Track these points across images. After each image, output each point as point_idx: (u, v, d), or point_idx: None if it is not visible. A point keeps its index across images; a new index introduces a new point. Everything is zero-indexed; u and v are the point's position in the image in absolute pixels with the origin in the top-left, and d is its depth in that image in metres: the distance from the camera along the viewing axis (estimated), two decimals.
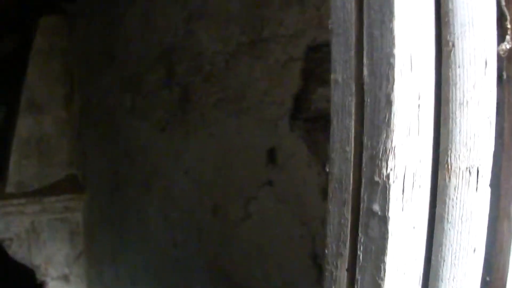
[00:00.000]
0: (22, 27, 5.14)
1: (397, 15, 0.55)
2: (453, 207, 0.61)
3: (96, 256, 4.75)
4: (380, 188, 0.59)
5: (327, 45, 1.59)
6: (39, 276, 4.83)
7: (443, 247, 0.64)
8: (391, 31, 0.56)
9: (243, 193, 2.63)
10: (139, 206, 3.78)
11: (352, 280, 0.65)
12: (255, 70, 2.52)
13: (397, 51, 0.56)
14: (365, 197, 0.61)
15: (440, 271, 0.64)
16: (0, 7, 4.94)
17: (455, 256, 0.63)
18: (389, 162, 0.58)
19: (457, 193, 0.61)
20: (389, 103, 0.56)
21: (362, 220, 0.62)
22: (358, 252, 0.64)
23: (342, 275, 0.66)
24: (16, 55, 5.42)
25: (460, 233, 0.63)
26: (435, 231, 0.65)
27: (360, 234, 0.63)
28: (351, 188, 0.63)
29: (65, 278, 4.90)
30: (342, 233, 0.65)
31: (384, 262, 0.61)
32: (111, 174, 4.27)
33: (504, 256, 0.66)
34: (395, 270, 0.62)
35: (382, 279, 0.61)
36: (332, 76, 0.63)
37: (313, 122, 2.19)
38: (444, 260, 0.63)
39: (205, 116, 2.90)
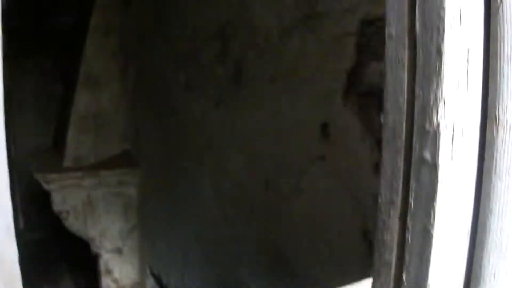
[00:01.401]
0: (80, 4, 5.32)
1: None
2: (500, 159, 0.65)
3: (148, 230, 4.92)
4: (430, 136, 0.63)
5: (380, 19, 1.61)
6: (94, 248, 5.06)
7: (490, 199, 0.68)
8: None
9: (295, 167, 2.69)
10: (192, 180, 3.90)
11: (403, 228, 0.70)
12: (309, 45, 2.56)
13: (447, 4, 0.60)
14: (417, 145, 0.65)
15: (488, 222, 0.68)
16: None
17: (502, 209, 0.67)
18: (439, 111, 0.62)
19: (505, 146, 0.65)
20: (439, 54, 0.61)
21: (413, 167, 0.67)
22: (410, 199, 0.68)
23: (394, 223, 0.71)
24: (74, 31, 5.63)
25: (507, 186, 0.67)
26: (483, 182, 0.69)
27: (411, 182, 0.68)
28: (403, 136, 0.67)
29: (119, 250, 5.12)
30: (394, 181, 0.70)
31: (434, 208, 0.65)
32: (165, 148, 4.41)
33: None
34: (445, 218, 0.66)
35: (432, 226, 0.66)
36: (386, 30, 0.68)
37: (366, 97, 2.21)
38: (491, 212, 0.67)
39: (259, 91, 2.96)
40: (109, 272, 5.10)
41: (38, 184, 4.87)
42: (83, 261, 5.66)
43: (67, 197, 4.89)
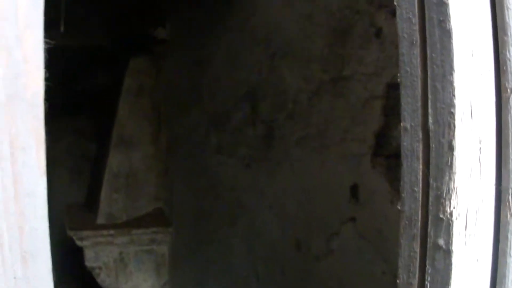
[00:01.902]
0: (114, 66, 5.55)
1: (456, 69, 0.68)
2: None
3: (180, 287, 4.96)
4: (444, 224, 0.70)
5: None
6: None
7: (506, 279, 0.73)
8: (451, 83, 0.68)
9: (326, 228, 2.73)
10: (223, 239, 3.96)
11: None
12: (337, 108, 2.65)
13: (457, 101, 0.68)
14: (432, 233, 0.72)
15: None
16: (95, 47, 5.39)
17: None
18: (452, 201, 0.69)
19: None
20: (451, 148, 0.68)
21: (429, 253, 0.74)
22: (426, 283, 0.75)
23: None
24: (108, 93, 5.85)
25: None
26: (498, 264, 0.75)
27: (427, 266, 0.74)
28: (419, 224, 0.74)
29: None
30: (411, 264, 0.77)
31: (449, 285, 0.72)
32: (197, 208, 4.49)
33: None
34: None
35: None
36: (402, 124, 0.76)
37: (394, 158, 2.27)
38: None
39: (289, 153, 3.04)
40: None
41: (71, 240, 4.97)
42: None
43: (99, 254, 4.97)
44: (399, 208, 0.77)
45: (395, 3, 0.74)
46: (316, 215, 2.82)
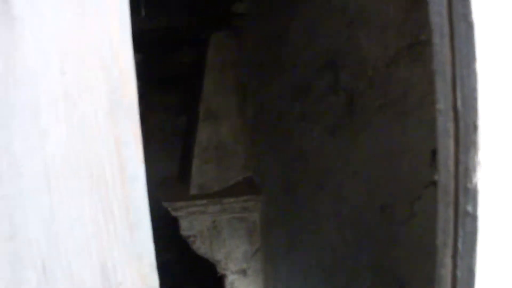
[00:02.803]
0: (196, 44, 5.79)
1: (478, 57, 0.78)
2: None
3: (271, 253, 5.19)
4: (471, 194, 0.82)
5: None
6: (220, 270, 5.43)
7: None
8: (474, 71, 0.78)
9: (409, 192, 2.80)
10: (311, 205, 4.12)
11: (454, 266, 0.88)
12: (415, 73, 2.69)
13: (480, 86, 0.78)
14: (461, 200, 0.84)
15: None
16: (177, 27, 5.64)
17: None
18: (477, 173, 0.80)
19: None
20: (475, 128, 0.79)
21: (460, 218, 0.85)
22: (458, 244, 0.86)
23: (448, 262, 0.90)
24: (194, 68, 6.11)
25: None
26: None
27: (459, 229, 0.86)
28: (452, 193, 0.86)
29: (243, 272, 5.43)
30: (447, 227, 0.89)
31: (475, 252, 0.83)
32: (285, 176, 4.67)
33: None
34: (485, 260, 0.84)
35: (475, 266, 0.84)
36: (437, 106, 0.87)
37: None
38: None
39: (370, 120, 3.12)
40: None
41: (166, 211, 5.32)
42: (210, 282, 6.04)
43: (193, 223, 5.29)
44: (436, 179, 0.88)
45: None
46: (399, 179, 2.90)
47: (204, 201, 5.24)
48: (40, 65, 0.67)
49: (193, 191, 5.35)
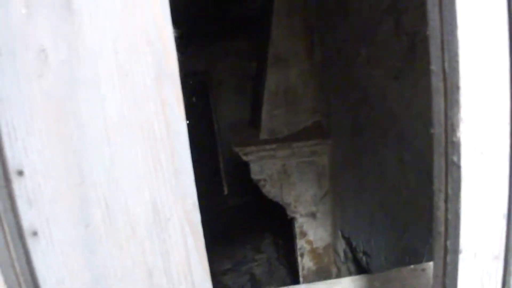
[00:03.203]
0: None
1: (460, 25, 0.88)
2: None
3: (339, 196, 5.36)
4: (455, 146, 0.94)
5: None
6: (290, 213, 5.66)
7: None
8: (456, 37, 0.89)
9: None
10: (376, 149, 4.22)
11: (446, 209, 1.01)
12: None
13: (461, 51, 0.89)
14: (450, 151, 0.96)
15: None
16: None
17: None
18: (460, 128, 0.92)
19: None
20: (457, 88, 0.90)
21: (449, 167, 0.98)
22: (449, 189, 0.99)
23: (442, 205, 1.03)
24: (262, 15, 6.21)
25: None
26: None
27: (449, 177, 0.99)
28: (443, 145, 0.98)
29: (312, 215, 5.65)
30: (441, 175, 1.01)
31: (460, 197, 0.96)
32: (351, 120, 4.77)
33: None
34: (469, 205, 0.97)
35: (460, 209, 0.97)
36: (431, 67, 0.99)
37: None
38: None
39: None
40: (303, 234, 5.68)
41: (238, 155, 5.57)
42: (281, 223, 6.31)
43: (264, 167, 5.51)
44: (432, 132, 1.01)
45: None
46: None
47: (274, 146, 5.42)
48: (97, 47, 0.85)
49: (263, 135, 5.54)
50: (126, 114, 0.89)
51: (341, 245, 5.39)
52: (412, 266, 1.71)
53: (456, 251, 0.99)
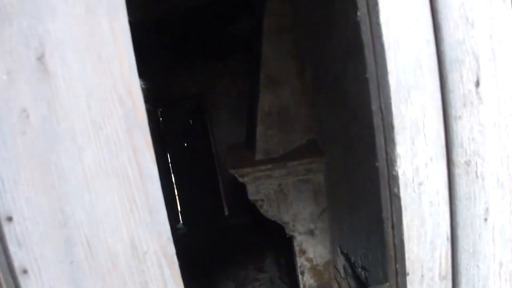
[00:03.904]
0: (253, 11, 6.02)
1: (389, 70, 1.03)
2: None
3: (336, 212, 5.45)
4: (395, 179, 1.07)
5: None
6: (288, 231, 5.76)
7: (463, 220, 1.08)
8: (388, 82, 1.03)
9: None
10: (368, 164, 4.32)
11: (393, 235, 1.15)
12: None
13: (393, 94, 1.03)
14: (391, 183, 1.10)
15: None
16: None
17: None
18: (397, 163, 1.05)
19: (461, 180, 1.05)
20: (392, 127, 1.04)
21: (392, 198, 1.11)
22: (394, 218, 1.13)
23: (390, 231, 1.16)
24: (253, 35, 6.37)
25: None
26: (453, 206, 1.09)
27: (392, 206, 1.12)
28: (386, 178, 1.11)
29: (311, 232, 5.75)
30: (386, 205, 1.15)
31: (402, 225, 1.09)
32: (343, 136, 4.87)
33: None
34: (412, 231, 1.10)
35: (403, 236, 1.10)
36: (371, 107, 1.12)
37: None
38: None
39: None
40: (303, 252, 5.77)
41: (235, 177, 5.67)
42: (282, 242, 6.41)
43: (260, 187, 5.62)
44: (377, 165, 1.14)
45: None
46: None
47: (269, 166, 5.52)
48: (72, 104, 1.00)
49: (259, 156, 5.66)
50: (102, 163, 1.03)
51: (341, 261, 5.49)
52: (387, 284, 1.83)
53: (404, 274, 1.12)
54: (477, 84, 0.97)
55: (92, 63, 1.00)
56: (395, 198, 1.07)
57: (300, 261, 5.81)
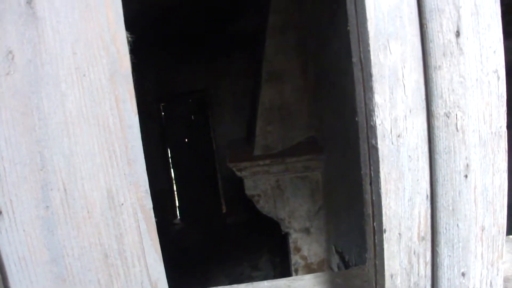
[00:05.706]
0: (258, 8, 6.04)
1: (369, 18, 1.03)
2: None
3: (332, 211, 5.45)
4: (373, 130, 1.07)
5: None
6: (284, 228, 5.76)
7: (440, 177, 1.07)
8: (367, 30, 1.03)
9: None
10: None
11: (371, 191, 1.14)
12: None
13: (372, 42, 1.03)
14: (370, 135, 1.09)
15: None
16: None
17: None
18: (375, 113, 1.05)
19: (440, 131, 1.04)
20: (370, 75, 1.04)
21: (370, 150, 1.11)
22: (372, 172, 1.12)
23: (368, 188, 1.15)
24: (257, 33, 6.38)
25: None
26: (433, 161, 1.08)
27: (371, 158, 1.12)
28: (365, 131, 1.11)
29: (306, 230, 5.74)
30: (365, 160, 1.14)
31: (380, 178, 1.09)
32: (343, 135, 4.87)
33: None
34: (390, 186, 1.09)
35: (381, 190, 1.10)
36: (352, 59, 1.12)
37: None
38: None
39: None
40: (298, 249, 5.77)
41: (234, 171, 5.68)
42: (278, 241, 6.40)
43: (257, 182, 5.62)
44: (357, 119, 1.14)
45: None
46: None
47: (268, 161, 5.53)
48: (58, 49, 1.00)
49: (257, 151, 5.66)
50: (83, 109, 1.03)
51: (335, 260, 5.48)
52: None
53: (381, 231, 1.11)
54: (458, 34, 0.97)
55: (79, 9, 1.00)
56: (373, 149, 1.07)
57: (295, 258, 5.80)
